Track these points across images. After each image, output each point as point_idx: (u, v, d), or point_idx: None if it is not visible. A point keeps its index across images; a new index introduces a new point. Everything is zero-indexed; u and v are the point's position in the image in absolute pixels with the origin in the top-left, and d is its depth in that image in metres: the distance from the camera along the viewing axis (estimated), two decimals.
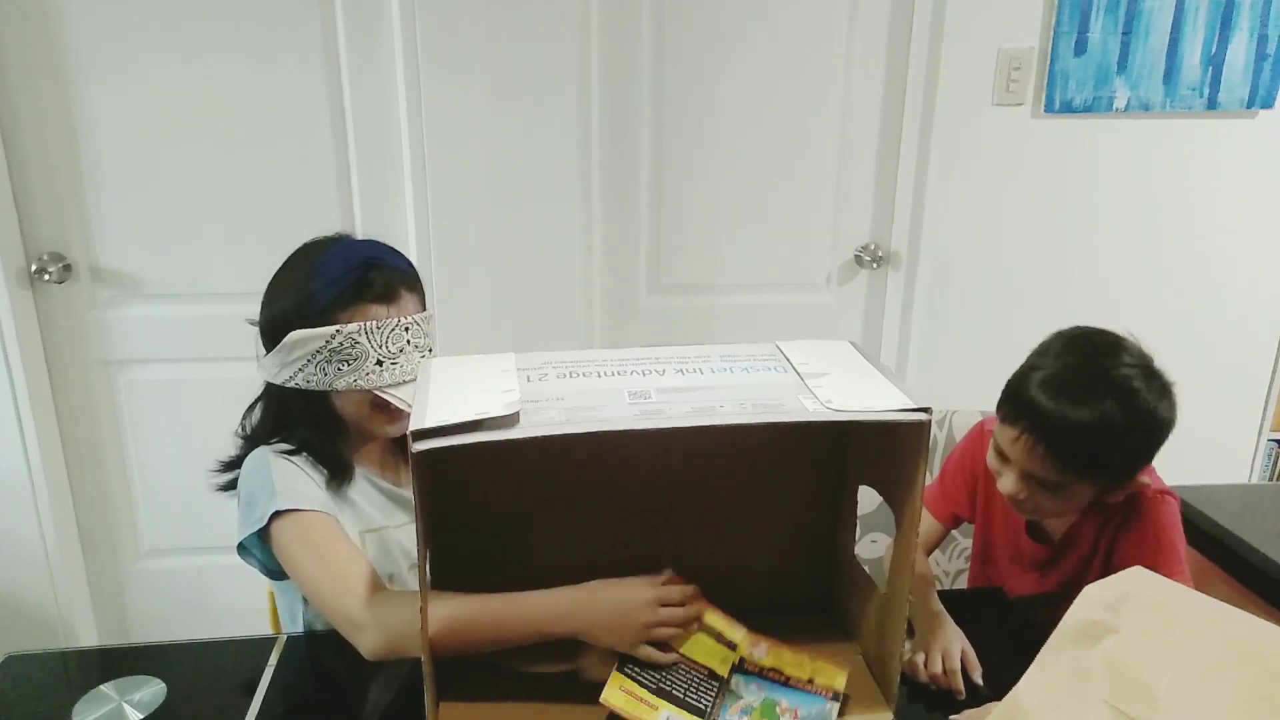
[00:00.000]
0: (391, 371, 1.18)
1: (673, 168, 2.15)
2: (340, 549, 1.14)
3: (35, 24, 1.90)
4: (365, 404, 1.22)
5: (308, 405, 1.22)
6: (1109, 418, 1.11)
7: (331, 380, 1.18)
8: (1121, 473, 1.18)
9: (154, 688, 1.10)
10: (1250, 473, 2.47)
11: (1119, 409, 1.12)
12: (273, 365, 1.21)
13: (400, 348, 1.19)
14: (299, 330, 1.17)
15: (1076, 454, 1.14)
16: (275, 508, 1.14)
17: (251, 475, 1.21)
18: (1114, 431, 1.12)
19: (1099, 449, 1.13)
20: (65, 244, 2.04)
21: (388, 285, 1.20)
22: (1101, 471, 1.16)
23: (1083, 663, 0.81)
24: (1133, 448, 1.15)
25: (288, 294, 1.21)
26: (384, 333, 1.17)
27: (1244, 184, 2.25)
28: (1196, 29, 2.10)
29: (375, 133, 2.04)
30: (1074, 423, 1.12)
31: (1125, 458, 1.16)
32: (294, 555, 1.14)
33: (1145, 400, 1.13)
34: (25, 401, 2.03)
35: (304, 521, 1.15)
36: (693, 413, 0.91)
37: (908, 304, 2.27)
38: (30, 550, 2.14)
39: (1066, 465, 1.14)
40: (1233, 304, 2.33)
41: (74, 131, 1.97)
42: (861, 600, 1.16)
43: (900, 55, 2.12)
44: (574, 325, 2.23)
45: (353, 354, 1.17)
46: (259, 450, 1.23)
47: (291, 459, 1.22)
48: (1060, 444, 1.13)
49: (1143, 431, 1.14)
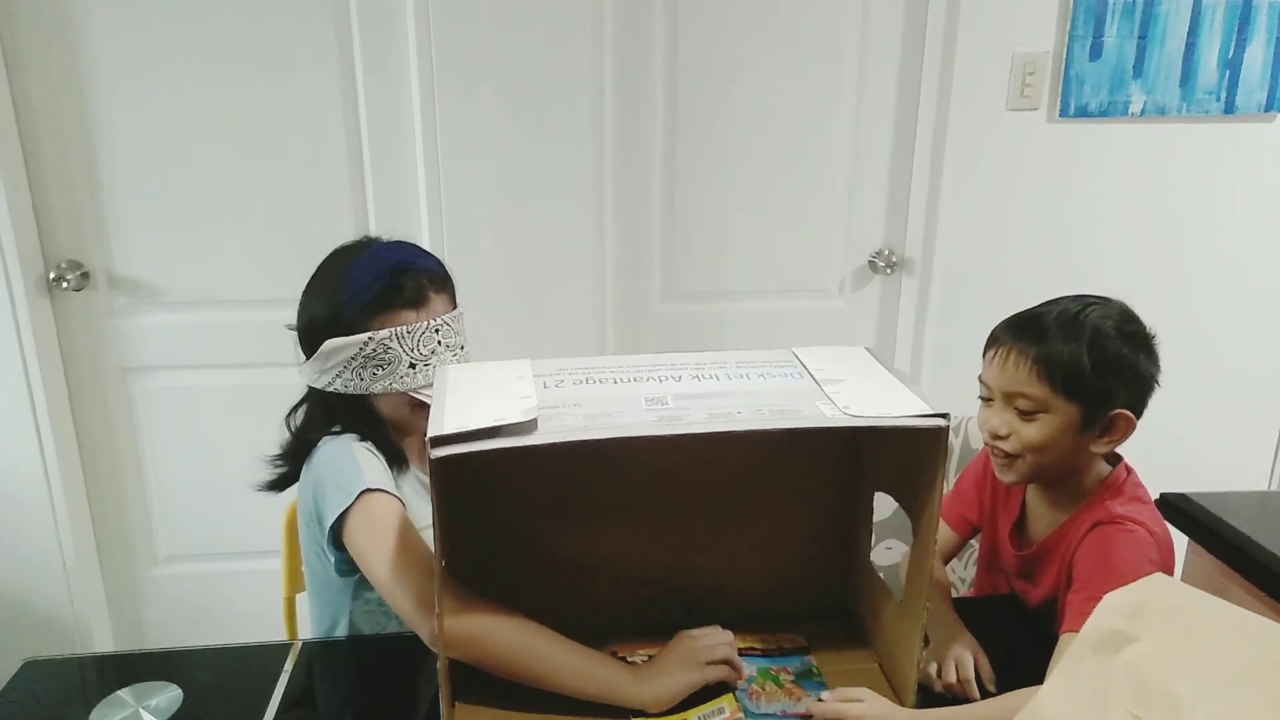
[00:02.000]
0: (425, 373, 1.22)
1: (685, 173, 2.15)
2: (413, 538, 1.13)
3: (54, 34, 1.92)
4: (404, 405, 1.25)
5: (350, 406, 1.25)
6: (1079, 321, 1.14)
7: (368, 385, 1.22)
8: (1097, 394, 1.14)
9: (171, 693, 1.11)
10: (1270, 479, 2.45)
11: (1089, 320, 1.15)
12: (312, 371, 1.24)
13: (431, 349, 1.22)
14: (333, 339, 1.20)
15: (1048, 353, 1.14)
16: (365, 485, 1.14)
17: (335, 460, 1.21)
18: (1085, 333, 1.13)
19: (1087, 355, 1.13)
20: (83, 252, 2.05)
21: (416, 290, 1.23)
22: (1075, 383, 1.14)
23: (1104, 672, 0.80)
24: (1106, 362, 1.14)
25: (320, 303, 1.23)
26: (414, 337, 1.21)
27: (1262, 188, 2.23)
28: (1213, 32, 2.08)
29: (390, 140, 2.05)
30: (1046, 324, 1.16)
31: (1099, 370, 1.13)
32: (368, 539, 1.13)
33: (1118, 323, 1.16)
34: (43, 408, 2.04)
35: (383, 505, 1.15)
36: (710, 419, 0.91)
37: (921, 310, 2.26)
38: (47, 556, 2.15)
39: (1040, 369, 1.14)
40: (1252, 310, 2.31)
41: (92, 140, 1.99)
42: (878, 607, 1.15)
43: (914, 60, 2.12)
44: (587, 331, 2.23)
45: (386, 359, 1.20)
46: (335, 439, 1.24)
47: (368, 447, 1.23)
48: (1031, 344, 1.15)
49: (1114, 349, 1.14)
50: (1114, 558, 1.15)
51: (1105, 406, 1.15)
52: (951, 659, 1.13)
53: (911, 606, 1.05)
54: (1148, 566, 1.15)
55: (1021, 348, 1.16)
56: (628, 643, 1.14)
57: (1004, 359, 1.18)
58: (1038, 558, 1.27)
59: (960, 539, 1.43)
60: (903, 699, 1.07)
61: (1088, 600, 1.10)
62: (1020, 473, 1.20)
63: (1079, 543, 1.19)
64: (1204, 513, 1.42)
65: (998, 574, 1.40)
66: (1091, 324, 1.15)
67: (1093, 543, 1.17)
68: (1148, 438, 1.23)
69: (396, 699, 1.13)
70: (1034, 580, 1.29)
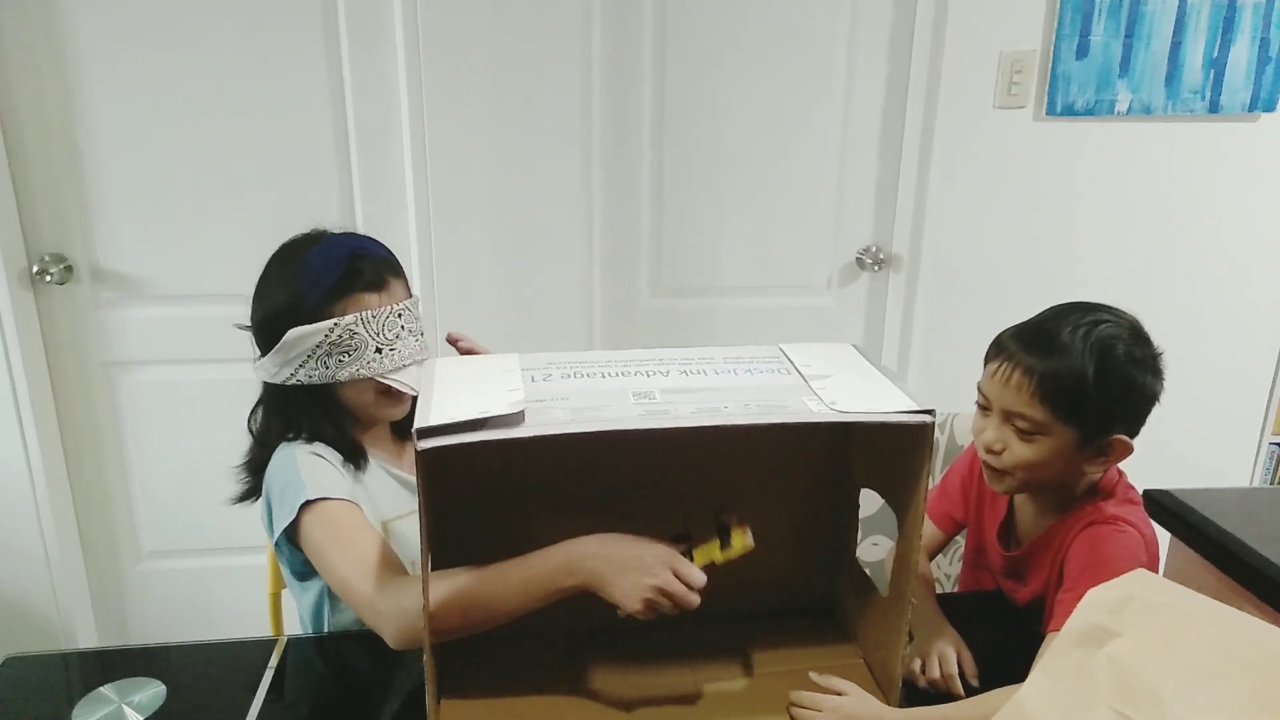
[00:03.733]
0: (391, 358, 1.21)
1: (674, 169, 2.15)
2: (364, 538, 1.14)
3: (37, 24, 1.90)
4: (369, 391, 1.24)
5: (311, 400, 1.24)
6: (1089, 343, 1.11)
7: (334, 372, 1.20)
8: (1098, 420, 1.13)
9: (154, 689, 1.10)
10: (1252, 476, 2.47)
11: (1099, 343, 1.12)
12: (271, 365, 1.22)
13: (396, 334, 1.22)
14: (296, 328, 1.19)
15: (1052, 376, 1.11)
16: (305, 497, 1.15)
17: (280, 471, 1.22)
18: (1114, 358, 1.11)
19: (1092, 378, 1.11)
20: (67, 245, 2.04)
21: (376, 273, 1.23)
22: (1077, 409, 1.12)
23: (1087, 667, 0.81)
24: (1111, 388, 1.11)
25: (278, 293, 1.22)
26: (380, 320, 1.20)
27: (1246, 187, 2.25)
28: (1198, 32, 2.10)
29: (377, 134, 2.04)
30: (1054, 343, 1.12)
31: (1103, 397, 1.11)
32: (320, 545, 1.15)
33: (1128, 346, 1.13)
34: (26, 403, 2.03)
35: (330, 511, 1.16)
36: (697, 413, 0.91)
37: (909, 307, 2.27)
38: (31, 551, 2.13)
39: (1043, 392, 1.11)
40: (1234, 307, 2.33)
41: (75, 132, 1.97)
42: (863, 603, 1.15)
43: (902, 58, 2.12)
44: (575, 326, 2.23)
45: (352, 345, 1.19)
46: (284, 447, 1.24)
47: (315, 452, 1.23)
48: (1037, 365, 1.12)
49: (1122, 374, 1.12)
50: (1107, 557, 1.14)
51: (1105, 431, 1.14)
52: (935, 655, 1.13)
53: (897, 602, 1.05)
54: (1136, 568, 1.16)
55: (1028, 366, 1.13)
56: (611, 634, 1.14)
57: (1007, 375, 1.14)
58: (1027, 558, 1.27)
59: (945, 536, 1.43)
60: (887, 695, 1.07)
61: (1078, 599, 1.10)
62: (1010, 486, 1.20)
63: (1070, 542, 1.19)
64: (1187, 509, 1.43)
65: (983, 571, 1.41)
66: (1101, 347, 1.11)
67: (1085, 542, 1.17)
68: None
69: (382, 694, 1.13)
70: (1022, 580, 1.29)
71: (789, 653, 1.16)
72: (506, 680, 1.09)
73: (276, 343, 1.20)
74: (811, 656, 1.15)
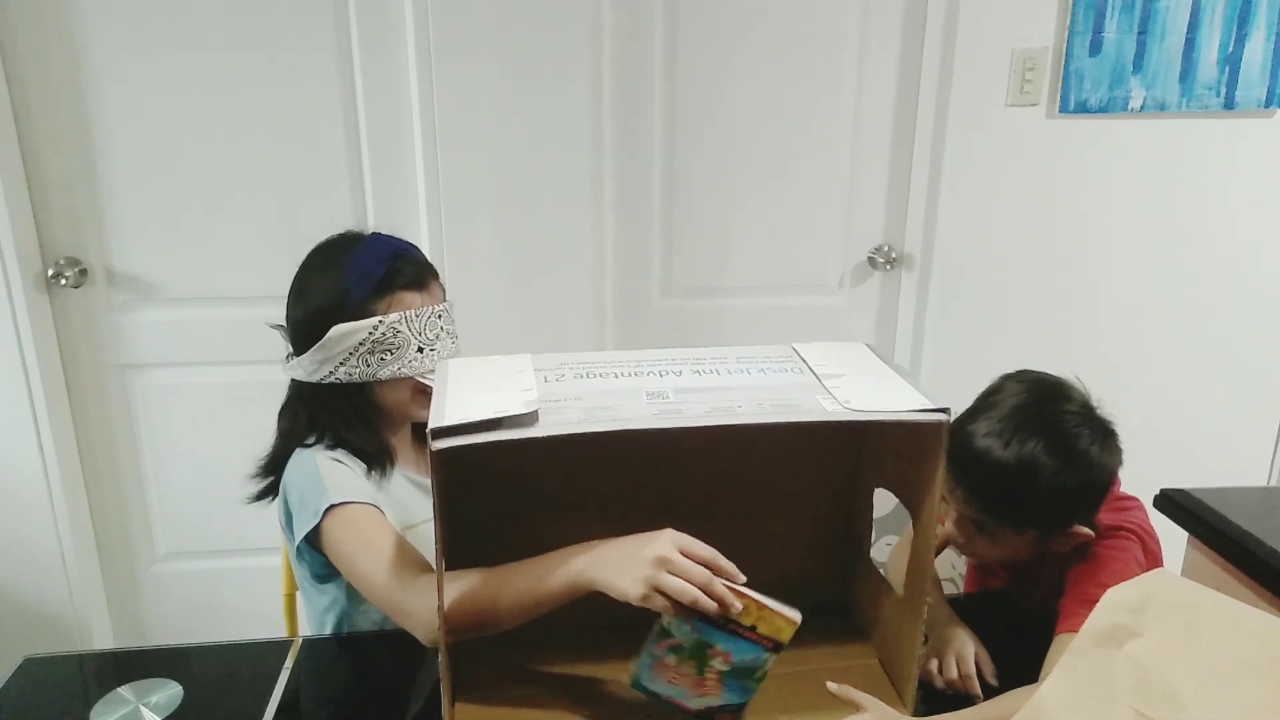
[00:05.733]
0: (431, 358, 1.23)
1: (685, 168, 2.15)
2: (388, 539, 1.14)
3: (51, 30, 1.91)
4: (406, 390, 1.25)
5: (345, 399, 1.24)
6: (1034, 461, 1.09)
7: (375, 371, 1.21)
8: (1054, 523, 1.14)
9: (171, 690, 1.10)
10: (1269, 474, 2.45)
11: (1047, 453, 1.09)
12: (310, 364, 1.23)
13: (436, 334, 1.24)
14: (340, 325, 1.19)
15: (998, 497, 1.12)
16: (329, 502, 1.15)
17: (300, 476, 1.22)
18: (1039, 476, 1.09)
19: (1024, 493, 1.10)
20: (81, 249, 2.05)
21: (418, 274, 1.25)
22: (1029, 519, 1.14)
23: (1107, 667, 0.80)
24: (1064, 495, 1.11)
25: (322, 291, 1.23)
26: (422, 320, 1.23)
27: (1262, 184, 2.23)
28: (1213, 28, 2.08)
29: (388, 135, 2.05)
30: (997, 464, 1.10)
31: (1055, 506, 1.12)
32: (345, 548, 1.15)
33: (1071, 443, 1.10)
34: (42, 405, 2.04)
35: (355, 515, 1.16)
36: (711, 412, 0.91)
37: (921, 306, 2.26)
38: (47, 553, 2.14)
39: (991, 510, 1.13)
40: (1250, 305, 2.31)
41: (90, 136, 1.98)
42: (877, 603, 1.15)
43: (914, 55, 2.11)
44: (586, 326, 2.23)
45: (395, 343, 1.21)
46: (301, 452, 1.24)
47: (335, 457, 1.23)
48: (982, 487, 1.13)
49: (1074, 479, 1.10)
50: (1107, 561, 1.17)
51: (1062, 526, 1.16)
52: (952, 654, 1.13)
53: (912, 602, 1.05)
54: (1135, 568, 1.18)
55: (969, 489, 1.14)
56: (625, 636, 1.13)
57: (953, 492, 1.16)
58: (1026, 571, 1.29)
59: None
60: (902, 695, 1.07)
61: (1080, 602, 1.12)
62: (985, 560, 1.25)
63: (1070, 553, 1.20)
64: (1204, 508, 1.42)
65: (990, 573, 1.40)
66: (1031, 463, 1.09)
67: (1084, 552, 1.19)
68: (1147, 435, 1.24)
69: (397, 696, 1.13)
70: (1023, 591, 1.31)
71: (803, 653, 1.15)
72: (522, 680, 1.09)
73: (317, 340, 1.21)
74: (826, 656, 1.14)
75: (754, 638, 0.93)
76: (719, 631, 0.92)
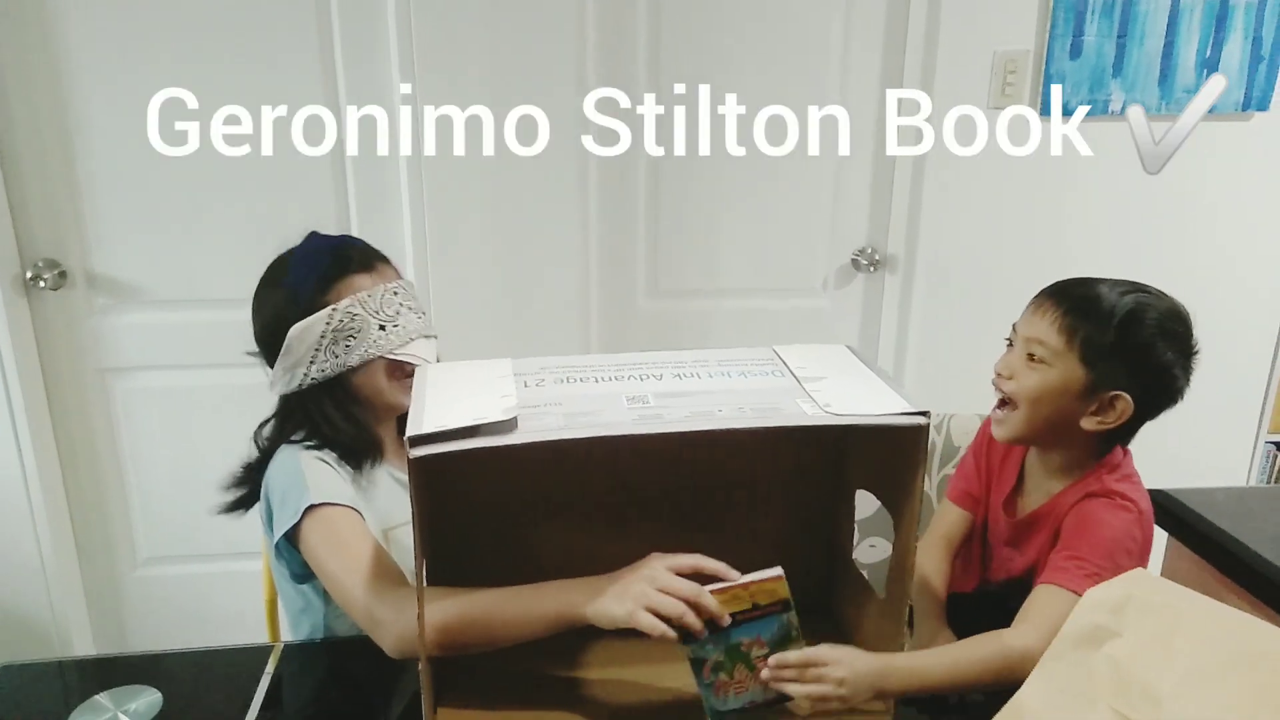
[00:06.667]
0: (396, 334, 1.22)
1: (670, 171, 2.15)
2: (364, 546, 1.14)
3: (32, 30, 1.90)
4: (380, 374, 1.24)
5: (329, 397, 1.24)
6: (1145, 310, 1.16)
7: (344, 359, 1.21)
8: (1108, 368, 1.15)
9: (150, 697, 1.09)
10: (1248, 475, 2.47)
11: (1134, 303, 1.16)
12: (284, 373, 1.23)
13: (396, 310, 1.23)
14: (296, 324, 1.19)
15: (1079, 310, 1.17)
16: (309, 501, 1.15)
17: (282, 473, 1.21)
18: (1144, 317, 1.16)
19: (1120, 322, 1.15)
20: (61, 251, 2.03)
21: (364, 257, 1.25)
22: (1091, 344, 1.15)
23: (1086, 667, 0.81)
24: (1130, 340, 1.15)
25: (271, 300, 1.24)
26: (376, 299, 1.22)
27: (1240, 186, 2.25)
28: (1191, 31, 2.10)
29: (371, 137, 2.04)
30: (1092, 289, 1.19)
31: (1120, 344, 1.15)
32: (321, 551, 1.14)
33: (1161, 319, 1.17)
34: (21, 409, 2.02)
35: (333, 517, 1.15)
36: (691, 417, 0.91)
37: (905, 307, 2.27)
38: (26, 559, 2.12)
39: (1065, 321, 1.17)
40: (1230, 306, 2.32)
41: (69, 137, 1.96)
42: (860, 605, 1.15)
43: (896, 58, 2.12)
44: (571, 329, 2.22)
45: (354, 327, 1.21)
46: (286, 449, 1.24)
47: (320, 456, 1.22)
48: (1069, 299, 1.19)
49: (1145, 334, 1.15)
50: (1101, 525, 1.17)
51: (1111, 384, 1.16)
52: None
53: (893, 604, 1.05)
54: (1130, 544, 1.18)
55: (1057, 301, 1.19)
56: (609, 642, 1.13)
57: (1036, 307, 1.21)
58: (1030, 524, 1.28)
59: (969, 517, 1.42)
60: None
61: (1069, 559, 1.13)
62: (1011, 427, 1.22)
63: (1069, 509, 1.21)
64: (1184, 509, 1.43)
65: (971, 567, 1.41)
66: (1132, 304, 1.17)
67: (1083, 510, 1.19)
68: None
69: (378, 702, 1.13)
70: (1021, 549, 1.30)
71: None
72: (504, 687, 1.09)
73: (281, 348, 1.20)
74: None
75: (763, 612, 0.97)
76: (734, 628, 0.96)
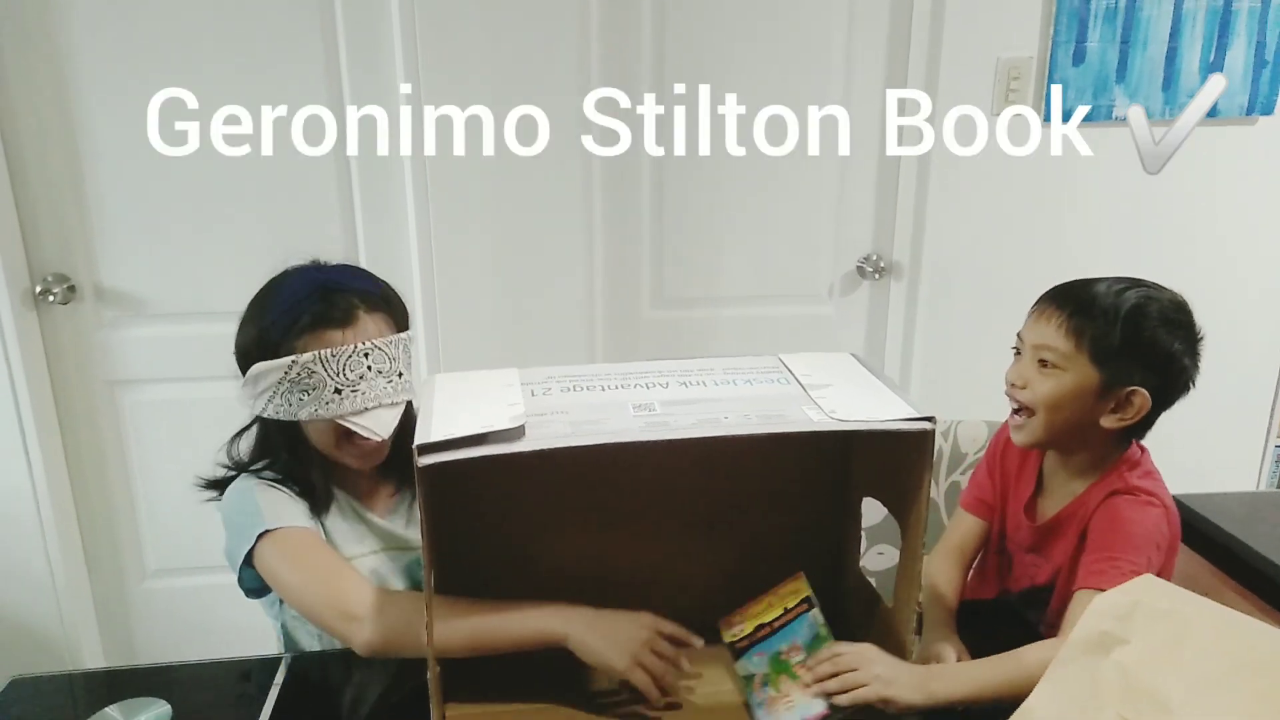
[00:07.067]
0: (351, 400, 1.14)
1: (674, 179, 2.15)
2: (326, 555, 1.16)
3: (39, 44, 1.91)
4: (330, 433, 1.19)
5: (283, 434, 1.22)
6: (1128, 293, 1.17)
7: (295, 410, 1.16)
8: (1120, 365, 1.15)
9: (159, 709, 1.10)
10: (1258, 480, 2.46)
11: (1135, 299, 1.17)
12: (246, 397, 1.21)
13: (360, 374, 1.14)
14: (259, 363, 1.16)
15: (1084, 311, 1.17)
16: (263, 527, 1.15)
17: (237, 504, 1.22)
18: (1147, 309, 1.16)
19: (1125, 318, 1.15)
20: (69, 265, 2.04)
21: (345, 310, 1.16)
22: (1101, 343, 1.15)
23: (1095, 674, 0.80)
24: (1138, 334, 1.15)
25: (247, 329, 1.21)
26: (340, 360, 1.13)
27: (1245, 191, 2.25)
28: (1195, 36, 2.10)
29: (376, 148, 2.05)
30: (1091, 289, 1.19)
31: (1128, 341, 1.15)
32: (279, 568, 1.15)
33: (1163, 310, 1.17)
34: (30, 422, 2.03)
35: (289, 536, 1.16)
36: (697, 424, 0.91)
37: (910, 315, 2.26)
38: (36, 571, 2.13)
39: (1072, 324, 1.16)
40: (1236, 311, 2.32)
41: (77, 152, 1.98)
42: (867, 613, 1.15)
43: (899, 64, 2.13)
44: (576, 339, 2.23)
45: (310, 384, 1.14)
46: (242, 479, 1.24)
47: (275, 486, 1.22)
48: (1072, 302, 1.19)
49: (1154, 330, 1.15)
50: (1130, 522, 1.16)
51: (1125, 380, 1.16)
52: (932, 660, 1.13)
53: (901, 611, 1.05)
54: (1160, 538, 1.18)
55: (1059, 305, 1.20)
56: None
57: (1039, 314, 1.21)
58: (1054, 528, 1.27)
59: (984, 525, 1.41)
60: None
61: (1101, 560, 1.13)
62: (1031, 432, 1.21)
63: (1095, 510, 1.20)
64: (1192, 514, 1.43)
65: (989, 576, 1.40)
66: (1134, 300, 1.17)
67: (1109, 509, 1.19)
68: None
69: (386, 710, 1.13)
70: (1045, 554, 1.29)
71: None
72: (511, 688, 1.09)
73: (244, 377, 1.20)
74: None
75: (793, 614, 1.07)
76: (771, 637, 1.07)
